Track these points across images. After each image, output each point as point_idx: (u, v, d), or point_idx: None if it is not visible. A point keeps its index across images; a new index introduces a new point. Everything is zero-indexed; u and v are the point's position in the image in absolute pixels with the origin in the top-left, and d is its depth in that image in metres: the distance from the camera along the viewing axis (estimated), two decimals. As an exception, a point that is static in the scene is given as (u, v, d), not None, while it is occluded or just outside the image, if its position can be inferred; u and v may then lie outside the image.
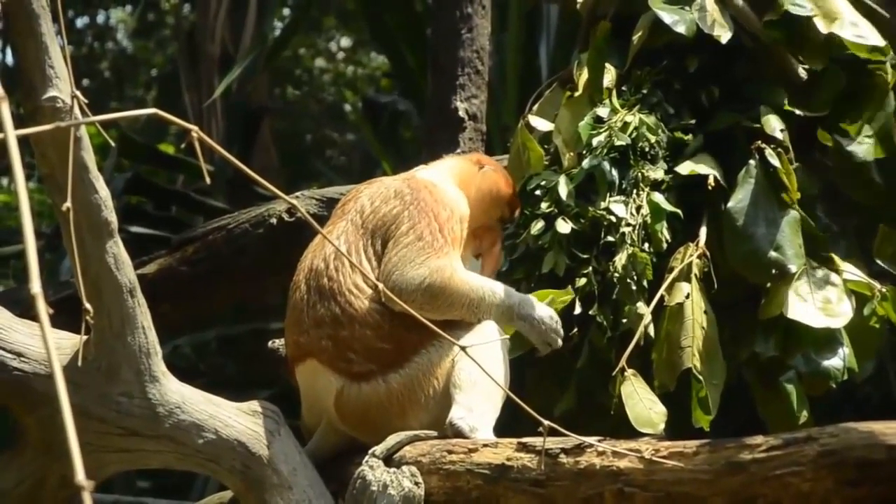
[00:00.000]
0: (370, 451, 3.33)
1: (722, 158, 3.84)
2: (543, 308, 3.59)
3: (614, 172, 3.80)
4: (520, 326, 3.56)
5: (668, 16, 3.92)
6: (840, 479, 2.73)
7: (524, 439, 3.19)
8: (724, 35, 3.87)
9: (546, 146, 4.05)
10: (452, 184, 3.69)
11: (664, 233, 3.74)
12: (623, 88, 3.97)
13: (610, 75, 4.00)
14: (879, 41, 3.83)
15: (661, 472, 2.95)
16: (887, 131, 3.86)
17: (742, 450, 2.86)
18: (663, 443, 3.03)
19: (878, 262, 3.84)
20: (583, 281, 3.69)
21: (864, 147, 3.85)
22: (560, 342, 3.57)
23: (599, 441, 3.06)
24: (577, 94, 4.01)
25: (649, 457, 2.97)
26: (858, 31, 3.83)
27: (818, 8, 3.85)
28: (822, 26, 3.83)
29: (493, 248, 3.75)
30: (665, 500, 2.95)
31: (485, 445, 3.26)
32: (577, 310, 3.68)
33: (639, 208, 3.75)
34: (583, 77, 4.04)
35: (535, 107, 4.16)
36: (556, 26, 8.31)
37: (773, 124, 3.79)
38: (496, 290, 3.53)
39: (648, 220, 3.74)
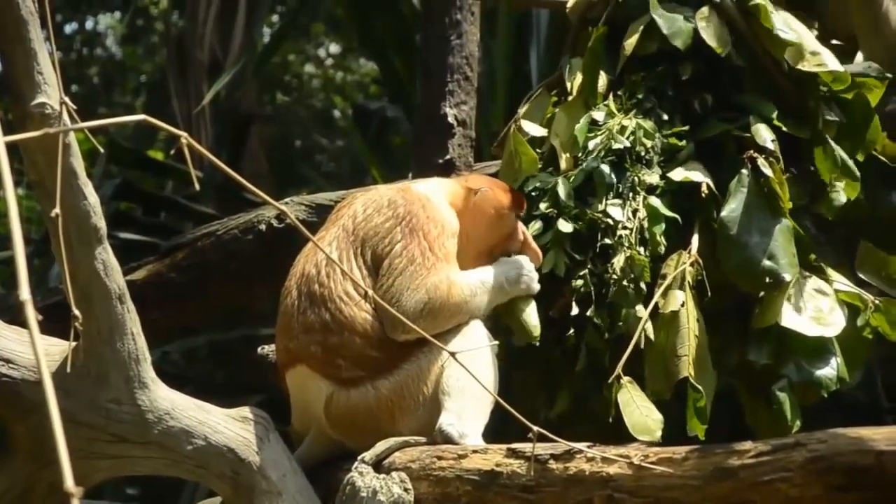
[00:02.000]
0: (360, 457, 3.33)
1: (712, 166, 3.85)
2: (515, 262, 3.66)
3: (612, 175, 3.81)
4: (515, 291, 3.62)
5: (665, 24, 3.93)
6: (828, 485, 2.73)
7: (514, 445, 3.19)
8: (724, 50, 3.89)
9: (537, 150, 4.06)
10: (445, 202, 3.69)
11: (661, 237, 3.75)
12: (619, 93, 3.98)
13: (602, 80, 4.02)
14: (838, 66, 3.84)
15: (651, 477, 2.96)
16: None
17: (731, 456, 2.87)
18: (652, 449, 3.04)
19: (860, 275, 3.85)
20: (580, 282, 3.70)
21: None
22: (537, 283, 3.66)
23: (589, 447, 3.07)
24: (571, 97, 4.03)
25: (639, 463, 2.98)
26: (820, 60, 3.85)
27: (799, 38, 3.89)
28: (791, 60, 3.86)
29: (526, 244, 3.75)
30: (654, 506, 2.95)
31: (474, 451, 3.27)
32: (574, 311, 3.69)
33: (635, 212, 3.76)
34: (576, 81, 4.04)
35: (522, 112, 4.17)
36: (546, 32, 8.31)
37: (764, 135, 3.80)
38: (485, 279, 3.59)
39: (645, 223, 3.75)
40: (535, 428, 2.86)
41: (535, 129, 4.10)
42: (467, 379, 3.32)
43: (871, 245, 3.91)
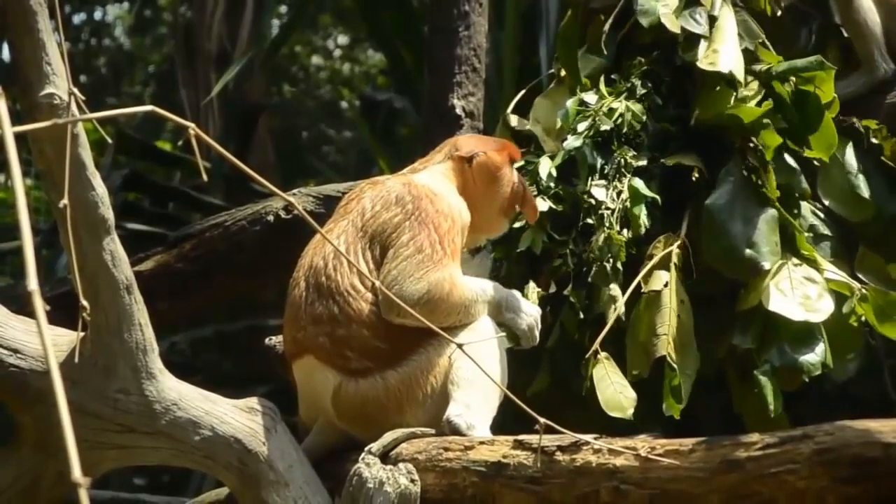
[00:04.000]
0: (367, 449, 3.34)
1: (706, 153, 3.89)
2: (530, 304, 3.67)
3: (596, 156, 3.84)
4: (507, 319, 3.60)
5: (641, 2, 3.99)
6: (835, 477, 2.73)
7: (520, 437, 3.19)
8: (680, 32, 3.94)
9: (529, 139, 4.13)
10: (453, 190, 3.69)
11: (643, 218, 3.77)
12: (613, 77, 4.02)
13: (593, 64, 4.06)
14: (726, 67, 3.84)
15: (657, 469, 2.95)
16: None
17: (738, 448, 2.87)
18: (659, 440, 3.04)
19: (859, 275, 3.86)
20: (558, 261, 3.74)
21: None
22: (536, 340, 3.64)
23: (596, 439, 3.07)
24: (559, 85, 4.08)
25: (645, 454, 2.98)
26: (713, 59, 3.85)
27: (712, 31, 3.91)
28: (701, 54, 3.89)
29: (525, 197, 3.77)
30: (661, 498, 2.95)
31: (481, 443, 3.27)
32: (552, 289, 3.72)
33: (619, 193, 3.78)
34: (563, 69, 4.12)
35: (537, 101, 4.21)
36: (555, 23, 8.31)
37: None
38: (486, 289, 3.58)
39: (628, 204, 3.78)
40: (543, 420, 2.86)
41: (519, 123, 4.17)
42: (476, 371, 3.32)
43: (868, 249, 3.93)
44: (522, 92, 4.32)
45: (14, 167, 1.64)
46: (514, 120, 4.19)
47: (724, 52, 3.87)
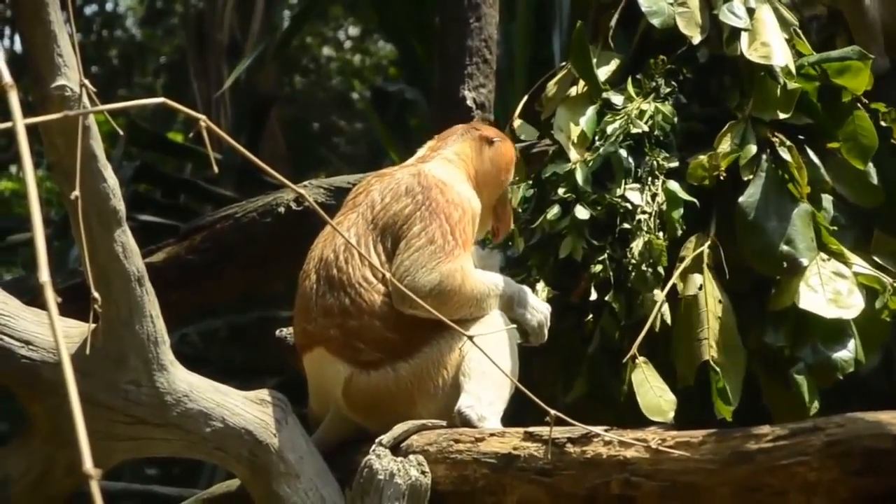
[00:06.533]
0: (377, 440, 3.34)
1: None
2: (540, 301, 3.66)
3: (630, 160, 3.82)
4: (518, 315, 3.59)
5: (646, 3, 3.95)
6: (846, 469, 2.73)
7: (531, 429, 3.19)
8: (696, 37, 3.91)
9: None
10: (463, 178, 3.68)
11: (679, 221, 3.75)
12: (638, 77, 3.98)
13: (611, 66, 4.03)
14: (781, 61, 3.82)
15: (668, 461, 2.95)
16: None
17: (748, 440, 2.86)
18: (670, 432, 3.03)
19: (876, 259, 3.85)
20: (598, 267, 3.71)
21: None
22: (545, 337, 3.61)
23: (606, 430, 3.07)
24: (577, 91, 4.05)
25: (656, 446, 2.98)
26: (765, 52, 3.83)
27: (752, 23, 3.89)
28: (745, 47, 3.86)
29: (504, 212, 3.77)
30: (671, 490, 2.95)
31: (491, 435, 3.27)
32: (593, 296, 3.70)
33: (654, 196, 3.76)
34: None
35: (558, 110, 4.19)
36: (568, 15, 8.29)
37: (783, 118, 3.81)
38: (498, 283, 3.57)
39: (664, 207, 3.76)
40: (553, 412, 2.86)
41: (529, 132, 4.17)
42: (488, 363, 3.32)
43: (884, 234, 3.91)
44: (525, 98, 4.30)
45: (25, 158, 1.64)
46: (521, 128, 4.21)
47: (774, 46, 3.84)
